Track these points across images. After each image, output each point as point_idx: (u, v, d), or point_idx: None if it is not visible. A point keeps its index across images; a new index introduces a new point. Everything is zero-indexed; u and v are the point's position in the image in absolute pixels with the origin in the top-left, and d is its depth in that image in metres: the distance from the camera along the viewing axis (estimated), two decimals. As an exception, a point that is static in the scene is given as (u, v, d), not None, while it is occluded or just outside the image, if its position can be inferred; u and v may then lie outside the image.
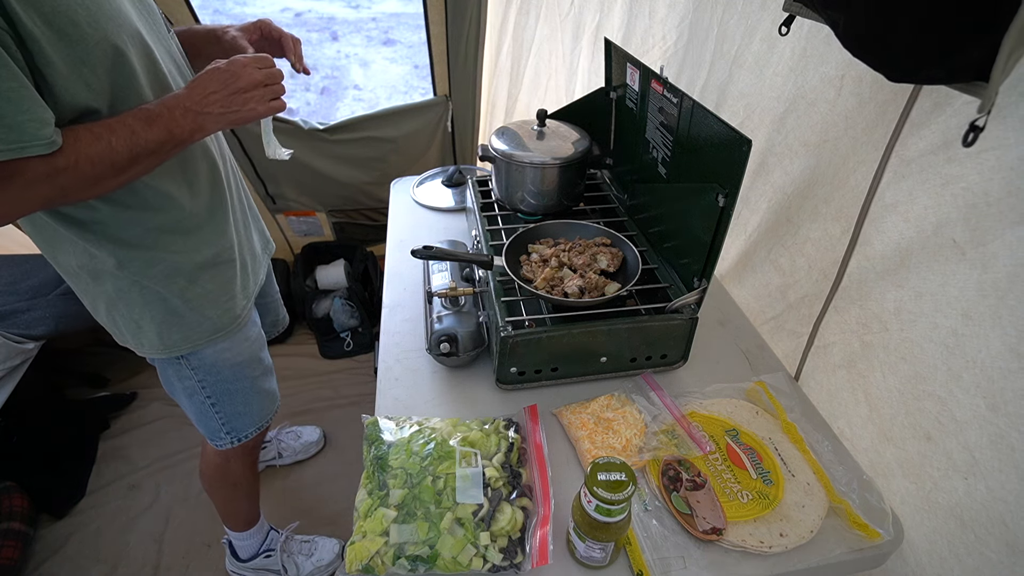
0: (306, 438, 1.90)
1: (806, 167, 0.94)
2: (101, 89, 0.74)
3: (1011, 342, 0.62)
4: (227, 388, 1.12)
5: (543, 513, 0.76)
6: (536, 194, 1.18)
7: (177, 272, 0.95)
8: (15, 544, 1.55)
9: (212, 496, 1.39)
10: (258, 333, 1.17)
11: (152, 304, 0.96)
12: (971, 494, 0.68)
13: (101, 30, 0.72)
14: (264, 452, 1.82)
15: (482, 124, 2.32)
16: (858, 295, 0.85)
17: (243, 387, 1.14)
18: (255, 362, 1.15)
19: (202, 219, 0.96)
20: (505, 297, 0.98)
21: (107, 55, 0.73)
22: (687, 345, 1.00)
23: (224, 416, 1.14)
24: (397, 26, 4.89)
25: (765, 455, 0.85)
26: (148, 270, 0.93)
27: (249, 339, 1.13)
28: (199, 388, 1.09)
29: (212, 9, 1.83)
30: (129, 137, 0.73)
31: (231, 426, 1.16)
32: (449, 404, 0.97)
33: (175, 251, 0.94)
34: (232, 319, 1.06)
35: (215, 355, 1.07)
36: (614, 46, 1.18)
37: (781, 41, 0.92)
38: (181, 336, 1.00)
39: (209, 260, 0.99)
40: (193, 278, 0.97)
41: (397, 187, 1.62)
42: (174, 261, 0.94)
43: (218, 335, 1.04)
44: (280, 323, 1.48)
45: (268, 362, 1.22)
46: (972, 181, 0.64)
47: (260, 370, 1.17)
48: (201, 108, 0.78)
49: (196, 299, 0.99)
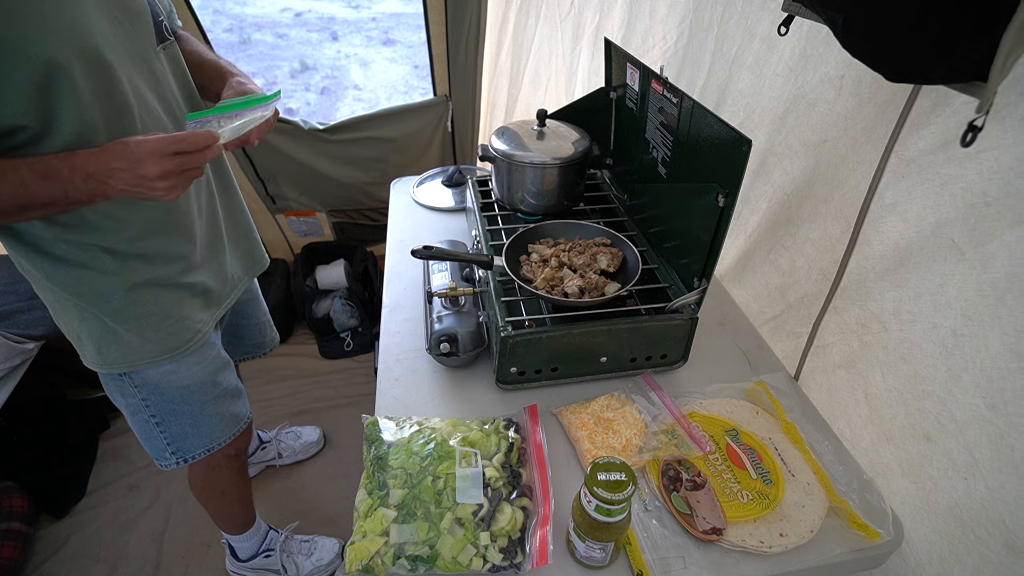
0: (306, 438, 1.89)
1: (806, 167, 0.94)
2: (28, 106, 0.70)
3: (1010, 342, 0.62)
4: (174, 409, 1.05)
5: (543, 513, 0.76)
6: (536, 194, 1.18)
7: (110, 292, 0.89)
8: (15, 544, 1.55)
9: (203, 504, 1.37)
10: (216, 355, 1.09)
11: (88, 320, 0.91)
12: (971, 494, 0.68)
13: (34, 43, 0.68)
14: (264, 452, 1.82)
15: (482, 124, 2.32)
16: (858, 295, 0.85)
17: (192, 409, 1.07)
18: (208, 385, 1.08)
19: (150, 243, 0.90)
20: (505, 297, 0.98)
21: (38, 70, 0.69)
22: (687, 345, 1.00)
23: (169, 436, 1.08)
24: (397, 26, 4.89)
25: (765, 455, 0.85)
26: (78, 287, 0.88)
27: (203, 362, 1.05)
28: (143, 406, 1.03)
29: (212, 9, 1.84)
30: (18, 188, 0.70)
31: (177, 446, 1.09)
32: (449, 404, 0.97)
33: (109, 272, 0.88)
34: (180, 343, 0.99)
35: (160, 376, 1.00)
36: (614, 46, 1.18)
37: (781, 41, 0.92)
38: (120, 355, 0.95)
39: (151, 282, 0.92)
40: (129, 300, 0.91)
41: (397, 187, 1.62)
42: (107, 281, 0.89)
43: (161, 358, 0.98)
44: (267, 343, 1.43)
45: (230, 384, 1.14)
46: (971, 181, 0.65)
47: (214, 393, 1.10)
48: (104, 179, 0.72)
49: (134, 321, 0.93)
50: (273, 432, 1.86)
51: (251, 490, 1.45)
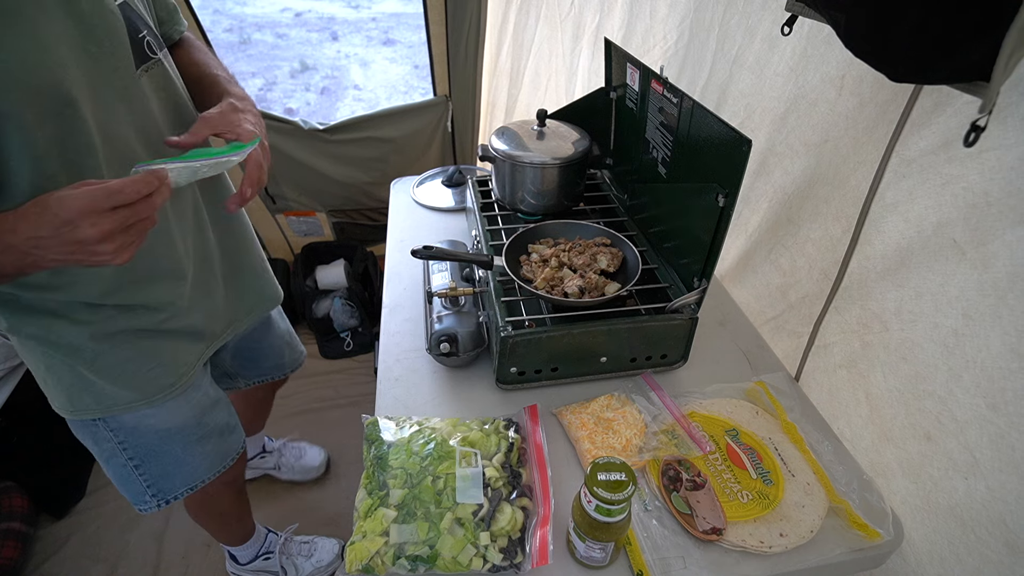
0: (307, 461, 1.81)
1: (807, 167, 0.94)
2: None
3: (1011, 342, 0.61)
4: (153, 450, 0.97)
5: (543, 513, 0.76)
6: (536, 194, 1.18)
7: (81, 342, 0.82)
8: (15, 544, 1.55)
9: (200, 524, 1.32)
10: (202, 396, 1.01)
11: (55, 368, 0.84)
12: (971, 494, 0.68)
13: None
14: (263, 461, 1.78)
15: (482, 124, 2.32)
16: (859, 295, 0.85)
17: (173, 450, 0.99)
18: (192, 427, 1.00)
19: (126, 294, 0.82)
20: (505, 297, 0.97)
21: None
22: (687, 345, 1.00)
23: (149, 478, 0.99)
24: (397, 26, 4.89)
25: (765, 455, 0.85)
26: (47, 335, 0.80)
27: (186, 405, 0.97)
28: (119, 450, 0.95)
29: (212, 9, 1.83)
30: None
31: (158, 487, 1.01)
32: (449, 404, 0.97)
33: (80, 321, 0.80)
34: (160, 389, 0.91)
35: (137, 420, 0.92)
36: (614, 46, 1.18)
37: (782, 41, 0.92)
38: (93, 400, 0.87)
39: (129, 330, 0.85)
40: (101, 350, 0.83)
41: (397, 187, 1.62)
42: (78, 331, 0.81)
43: (138, 403, 0.90)
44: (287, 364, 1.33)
45: (218, 422, 1.05)
46: (972, 181, 0.64)
47: (198, 434, 1.01)
48: (28, 250, 0.59)
49: (107, 369, 0.85)
50: (278, 443, 1.81)
51: (249, 506, 1.42)
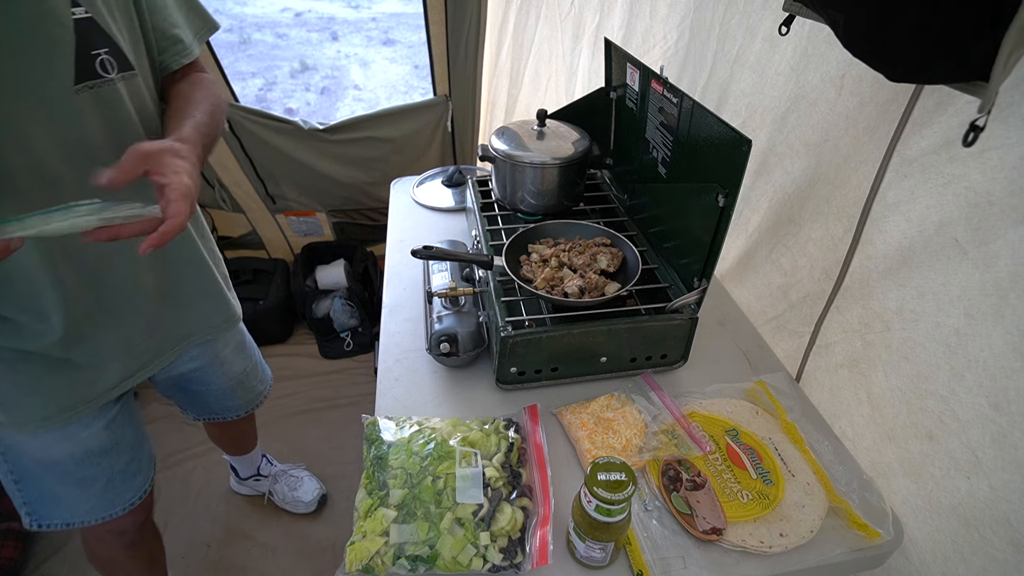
0: (301, 495, 1.70)
1: (807, 166, 0.94)
2: None
3: (1013, 341, 0.61)
4: (29, 474, 0.95)
5: (543, 513, 0.75)
6: (536, 194, 1.18)
7: None
8: (15, 544, 1.55)
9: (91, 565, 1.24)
10: (90, 437, 0.95)
11: None
12: (974, 493, 0.68)
13: None
14: (258, 484, 1.73)
15: (482, 124, 2.32)
16: (860, 294, 0.85)
17: (50, 482, 0.96)
18: (69, 466, 0.95)
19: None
20: (505, 297, 0.97)
21: None
22: (687, 345, 1.00)
23: (26, 498, 0.97)
24: (397, 26, 4.89)
25: (765, 455, 0.85)
26: None
27: (65, 443, 0.92)
28: (2, 460, 0.93)
29: (212, 9, 1.84)
30: None
31: (33, 509, 0.98)
32: (449, 404, 0.97)
33: None
34: (29, 419, 0.87)
35: (12, 439, 0.90)
36: (614, 46, 1.18)
37: (782, 41, 0.92)
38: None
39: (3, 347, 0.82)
40: None
41: (397, 187, 1.62)
42: None
43: (6, 426, 0.87)
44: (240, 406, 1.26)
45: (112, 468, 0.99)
46: (974, 180, 0.64)
47: (77, 476, 0.96)
48: None
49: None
50: (277, 468, 1.74)
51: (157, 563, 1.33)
